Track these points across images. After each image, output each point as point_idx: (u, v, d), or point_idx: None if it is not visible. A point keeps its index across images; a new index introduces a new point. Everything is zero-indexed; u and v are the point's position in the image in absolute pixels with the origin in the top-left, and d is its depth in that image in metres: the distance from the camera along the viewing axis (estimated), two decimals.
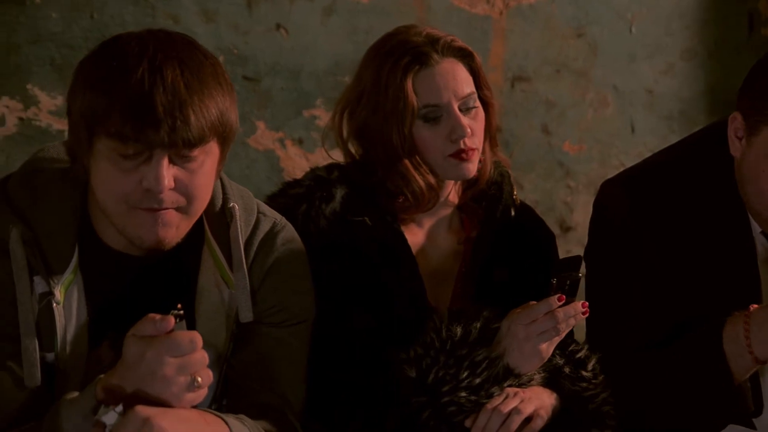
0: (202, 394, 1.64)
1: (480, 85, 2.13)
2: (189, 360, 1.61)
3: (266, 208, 1.98)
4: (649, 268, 2.13)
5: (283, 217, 1.98)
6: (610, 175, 3.48)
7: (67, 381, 1.80)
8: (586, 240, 3.47)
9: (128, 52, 1.71)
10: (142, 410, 1.58)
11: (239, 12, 3.13)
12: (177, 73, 1.70)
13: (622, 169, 3.49)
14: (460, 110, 2.08)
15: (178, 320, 1.62)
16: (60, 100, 2.98)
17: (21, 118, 2.96)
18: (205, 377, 1.63)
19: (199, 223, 1.85)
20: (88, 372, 1.81)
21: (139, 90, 1.67)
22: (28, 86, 2.95)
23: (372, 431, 2.02)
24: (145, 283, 1.85)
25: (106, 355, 1.85)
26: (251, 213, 1.92)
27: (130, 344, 1.61)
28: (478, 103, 2.12)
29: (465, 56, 2.11)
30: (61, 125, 2.99)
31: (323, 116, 3.24)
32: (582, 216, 3.48)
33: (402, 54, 2.08)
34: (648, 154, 3.55)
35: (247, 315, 1.87)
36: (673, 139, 3.57)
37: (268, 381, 1.89)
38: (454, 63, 2.09)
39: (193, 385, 1.61)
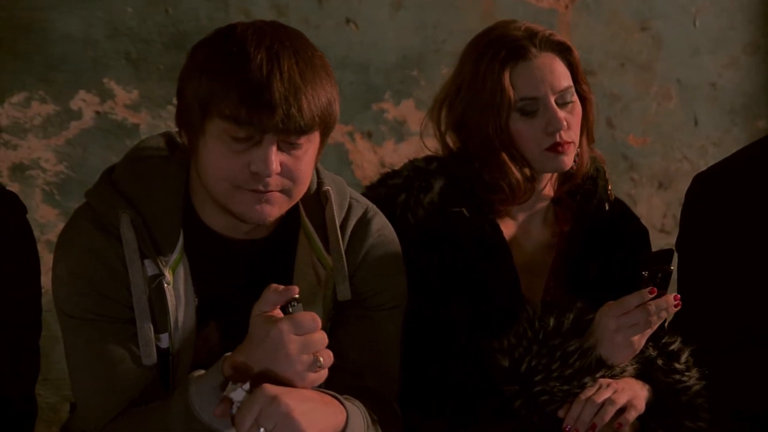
0: (323, 374, 1.69)
1: (578, 80, 2.14)
2: (311, 339, 1.66)
3: (357, 195, 2.02)
4: (731, 263, 2.15)
5: (374, 205, 2.01)
6: (673, 168, 3.55)
7: (179, 361, 1.85)
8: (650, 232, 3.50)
9: (246, 40, 1.76)
10: (270, 388, 1.63)
11: (310, 6, 3.16)
12: (292, 62, 1.75)
13: (684, 162, 3.56)
14: (557, 104, 2.10)
15: (296, 303, 1.66)
16: (135, 94, 3.02)
17: (97, 112, 3.00)
18: (327, 357, 1.68)
19: (294, 207, 1.89)
20: (196, 352, 1.87)
21: (257, 76, 1.72)
22: (105, 80, 2.99)
23: (465, 420, 2.04)
24: (245, 265, 1.90)
25: (213, 335, 1.91)
26: (344, 197, 1.96)
27: (255, 323, 1.67)
28: (575, 98, 2.13)
29: (563, 50, 2.12)
30: (137, 119, 3.03)
31: (391, 110, 3.27)
32: (645, 209, 3.50)
33: (500, 47, 2.09)
34: (711, 148, 3.60)
35: (345, 293, 1.90)
36: (736, 133, 3.61)
37: (367, 364, 1.92)
38: (551, 57, 2.11)
39: (315, 365, 1.66)
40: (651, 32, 3.50)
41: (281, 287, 1.66)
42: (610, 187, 2.26)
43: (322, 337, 1.67)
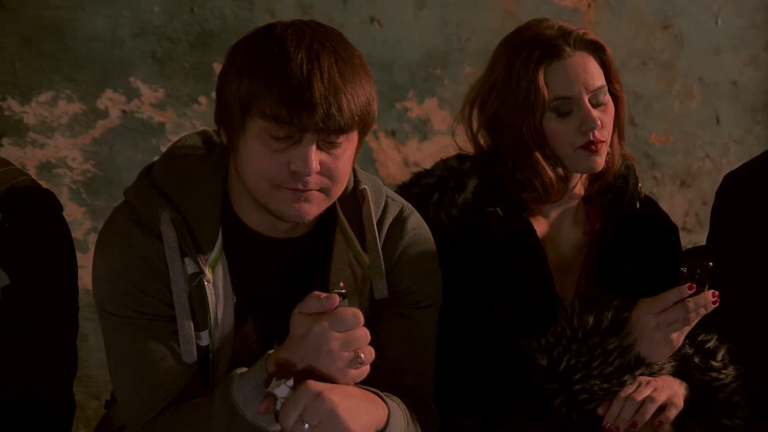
0: (365, 371, 1.69)
1: (611, 79, 2.15)
2: (353, 335, 1.67)
3: (393, 194, 2.02)
4: (762, 261, 2.15)
5: (409, 204, 2.01)
6: (695, 167, 3.56)
7: (219, 358, 1.86)
8: None
9: (286, 39, 1.76)
10: (314, 385, 1.64)
11: (334, 5, 3.17)
12: (332, 61, 1.75)
13: (706, 161, 3.57)
14: (591, 103, 2.10)
15: (341, 299, 1.67)
16: (161, 93, 3.03)
17: (124, 111, 3.01)
18: (368, 354, 1.69)
19: (331, 206, 1.89)
20: (234, 350, 1.88)
21: (297, 75, 1.72)
22: (131, 79, 3.00)
23: (502, 418, 2.05)
24: (282, 263, 1.91)
25: (251, 333, 1.91)
26: (380, 196, 1.97)
27: (296, 321, 1.68)
28: (608, 97, 2.13)
29: (597, 49, 2.13)
30: (162, 118, 3.04)
31: (415, 108, 3.28)
32: (667, 207, 3.46)
33: (534, 47, 2.09)
34: (733, 146, 3.60)
35: (382, 291, 1.91)
36: (758, 131, 3.62)
37: (403, 362, 1.92)
38: (585, 56, 2.11)
39: (356, 361, 1.67)
40: (673, 31, 3.51)
41: (323, 295, 1.67)
42: (640, 185, 2.26)
43: (363, 334, 1.68)
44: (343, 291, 1.68)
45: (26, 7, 2.88)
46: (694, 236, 3.52)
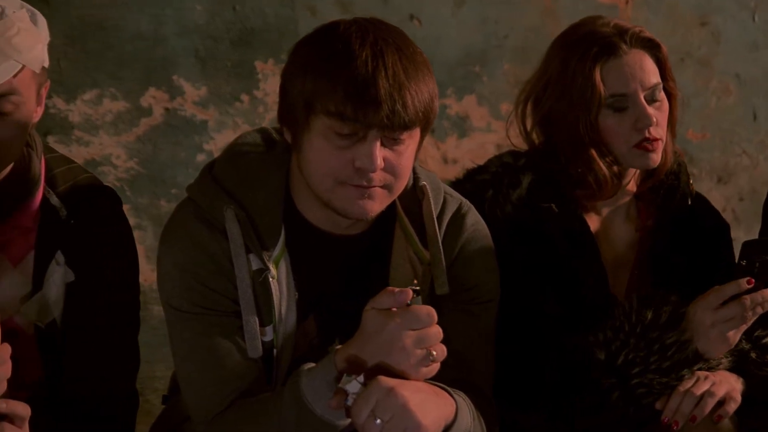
0: (435, 367, 1.70)
1: (666, 77, 2.16)
2: (426, 333, 1.67)
3: (450, 190, 2.03)
4: None
5: (467, 200, 2.03)
6: (732, 163, 3.56)
7: (282, 353, 1.88)
8: None
9: (350, 37, 1.77)
10: (385, 381, 1.64)
11: (374, 3, 3.18)
12: (396, 58, 1.77)
13: (743, 157, 3.57)
14: (646, 100, 2.11)
15: (414, 295, 1.67)
16: (204, 91, 3.05)
17: (167, 109, 3.03)
18: (440, 351, 1.69)
19: (390, 203, 1.90)
20: (296, 346, 1.89)
21: (362, 72, 1.74)
22: (174, 77, 3.02)
23: (560, 413, 2.06)
24: (343, 260, 1.92)
25: (312, 328, 1.93)
26: (439, 192, 1.98)
27: (369, 317, 1.68)
28: (663, 95, 2.14)
29: (652, 47, 2.14)
30: (205, 116, 3.06)
31: (454, 105, 3.29)
32: None
33: (591, 44, 2.10)
34: None
35: (443, 287, 1.92)
36: None
37: (465, 358, 1.92)
38: (641, 54, 2.12)
39: (428, 359, 1.68)
40: (710, 27, 3.51)
41: (396, 290, 1.67)
42: (691, 182, 2.27)
43: (436, 332, 1.68)
44: (417, 288, 1.68)
45: (71, 6, 2.90)
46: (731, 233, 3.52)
